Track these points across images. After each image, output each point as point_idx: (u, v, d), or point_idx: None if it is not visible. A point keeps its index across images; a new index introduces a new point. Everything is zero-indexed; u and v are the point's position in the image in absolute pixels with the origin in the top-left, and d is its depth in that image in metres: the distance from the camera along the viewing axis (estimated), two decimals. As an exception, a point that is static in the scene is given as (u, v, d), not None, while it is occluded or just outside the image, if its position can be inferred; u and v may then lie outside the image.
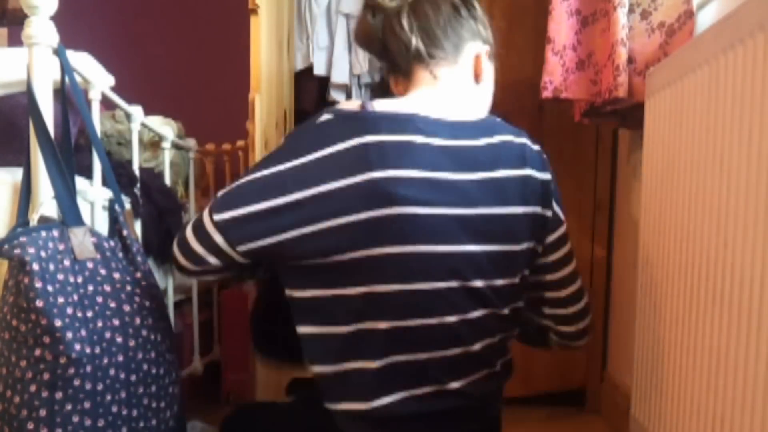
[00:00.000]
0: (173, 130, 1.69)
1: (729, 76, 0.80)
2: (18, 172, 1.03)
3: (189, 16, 2.97)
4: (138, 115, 1.39)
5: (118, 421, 0.94)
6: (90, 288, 0.95)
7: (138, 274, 1.03)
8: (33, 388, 0.87)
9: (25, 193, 0.97)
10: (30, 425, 0.87)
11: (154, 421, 1.00)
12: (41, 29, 0.95)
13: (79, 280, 0.94)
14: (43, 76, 0.96)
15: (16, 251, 0.87)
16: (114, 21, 3.02)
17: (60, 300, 0.89)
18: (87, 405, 0.90)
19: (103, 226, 1.10)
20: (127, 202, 1.22)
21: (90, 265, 0.96)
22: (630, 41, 1.18)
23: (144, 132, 1.69)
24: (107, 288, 0.97)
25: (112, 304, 0.97)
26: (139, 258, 1.05)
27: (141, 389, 0.97)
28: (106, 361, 0.92)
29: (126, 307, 0.98)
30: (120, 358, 0.95)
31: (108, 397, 0.92)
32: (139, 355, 0.97)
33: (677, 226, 0.95)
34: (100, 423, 0.91)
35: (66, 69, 1.01)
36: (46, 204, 0.96)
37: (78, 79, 1.06)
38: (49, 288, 0.87)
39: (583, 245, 1.72)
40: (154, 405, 1.00)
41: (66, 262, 0.92)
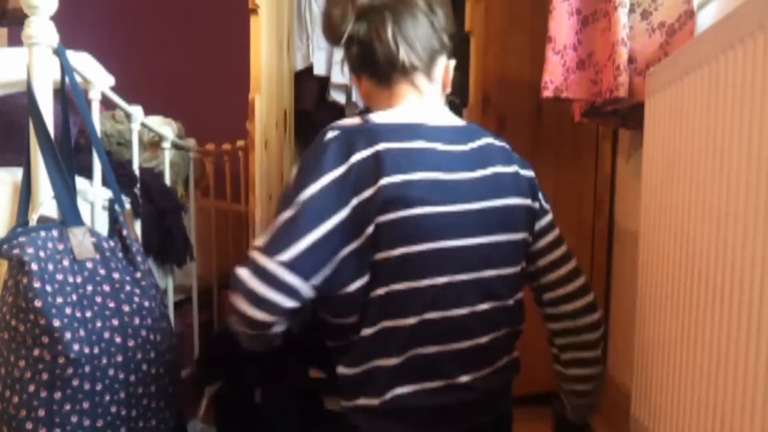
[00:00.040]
0: (173, 130, 1.69)
1: (729, 76, 0.80)
2: (18, 172, 1.03)
3: (189, 16, 2.97)
4: (138, 115, 1.39)
5: (117, 421, 0.94)
6: (89, 288, 0.95)
7: (138, 274, 1.03)
8: (32, 388, 0.87)
9: (25, 193, 0.97)
10: (29, 425, 0.87)
11: (154, 422, 1.00)
12: (41, 29, 0.95)
13: (78, 280, 0.93)
14: (43, 76, 0.96)
15: (15, 251, 0.87)
16: (114, 21, 3.02)
17: (59, 300, 0.88)
18: (86, 405, 0.90)
19: (103, 226, 1.10)
20: (127, 202, 1.22)
21: (89, 265, 0.96)
22: (630, 41, 1.18)
23: (144, 132, 1.69)
24: (106, 288, 0.97)
25: (112, 304, 0.97)
26: (138, 258, 1.05)
27: (140, 389, 0.97)
28: (105, 361, 0.92)
29: (125, 307, 0.98)
30: (119, 359, 0.94)
31: (107, 397, 0.92)
32: (139, 356, 0.97)
33: (677, 226, 0.95)
34: (99, 423, 0.91)
35: (66, 69, 1.01)
36: (46, 204, 0.96)
37: (78, 79, 1.06)
38: (47, 288, 0.87)
39: (583, 245, 1.71)
40: (154, 405, 1.00)
41: (65, 262, 0.92)
